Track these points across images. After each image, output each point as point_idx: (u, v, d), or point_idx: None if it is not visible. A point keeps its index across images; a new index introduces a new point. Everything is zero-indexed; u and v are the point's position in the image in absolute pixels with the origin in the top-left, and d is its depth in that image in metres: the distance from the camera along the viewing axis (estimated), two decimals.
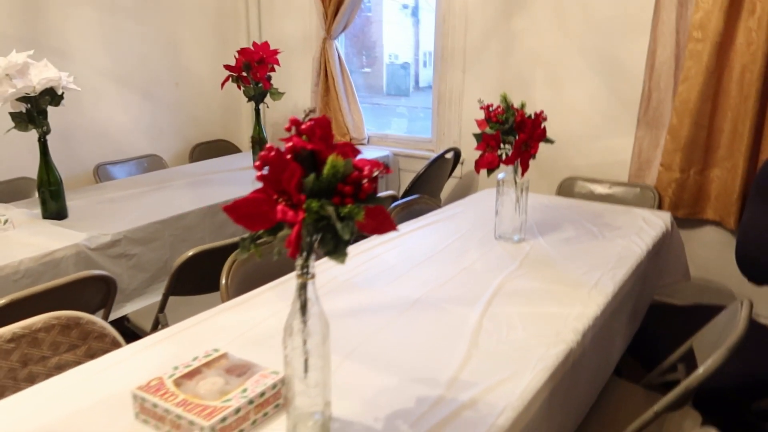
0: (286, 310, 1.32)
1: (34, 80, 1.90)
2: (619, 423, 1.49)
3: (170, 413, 0.89)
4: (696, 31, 2.31)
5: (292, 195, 0.77)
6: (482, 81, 2.96)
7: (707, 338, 1.46)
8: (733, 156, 2.35)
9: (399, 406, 0.99)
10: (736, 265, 2.11)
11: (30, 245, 1.78)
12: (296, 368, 0.87)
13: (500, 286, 1.48)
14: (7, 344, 1.24)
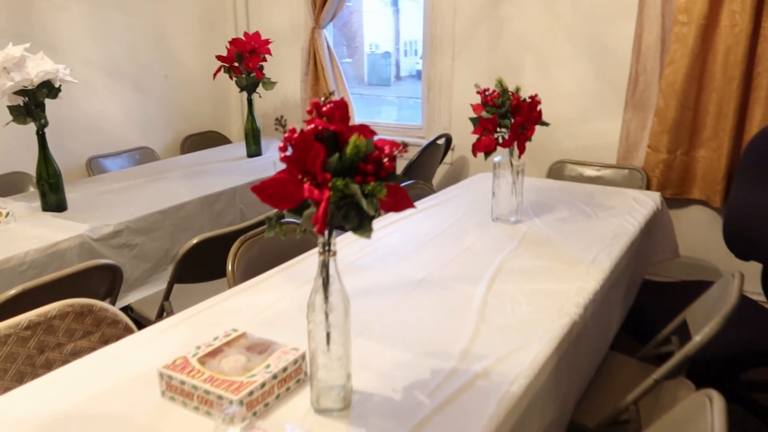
0: (295, 292, 1.37)
1: (31, 73, 1.90)
2: (617, 393, 1.55)
3: (198, 389, 0.93)
4: (681, 14, 2.37)
5: (317, 174, 0.80)
6: (471, 67, 3.00)
7: (700, 310, 1.53)
8: (718, 137, 2.41)
9: (415, 378, 1.03)
10: (722, 243, 2.18)
11: (34, 237, 1.79)
12: (319, 342, 0.91)
13: (501, 265, 1.52)
14: (24, 332, 1.26)
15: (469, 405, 0.95)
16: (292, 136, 0.82)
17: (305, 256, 1.61)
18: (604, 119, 2.69)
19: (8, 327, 1.24)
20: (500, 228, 1.82)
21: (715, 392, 0.97)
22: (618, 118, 2.66)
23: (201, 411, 0.93)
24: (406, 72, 4.31)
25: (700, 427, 0.93)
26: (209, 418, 0.92)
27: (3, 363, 1.22)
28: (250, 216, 2.43)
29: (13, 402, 0.98)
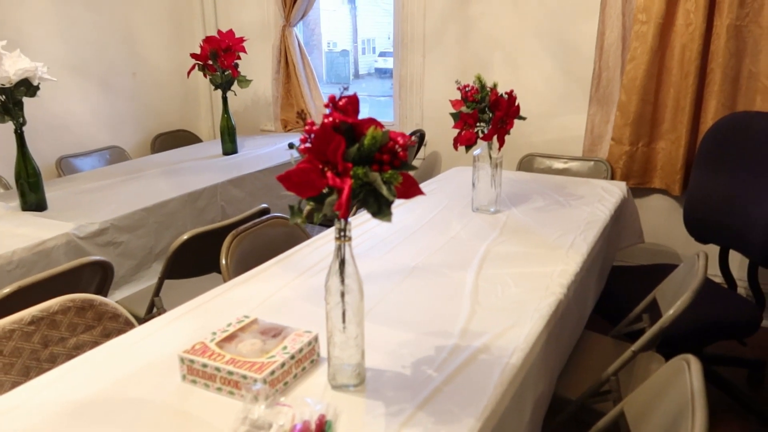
0: (295, 281, 1.42)
1: (9, 71, 1.88)
2: (594, 368, 1.66)
3: (221, 371, 0.97)
4: (640, 13, 2.51)
5: (338, 164, 0.86)
6: (443, 65, 3.09)
7: (669, 289, 1.65)
8: (676, 129, 2.57)
9: (421, 355, 1.10)
10: (682, 228, 2.33)
11: (19, 236, 1.78)
12: (336, 322, 0.97)
13: (487, 252, 1.61)
14: (27, 327, 1.27)
15: (474, 376, 1.02)
16: (312, 129, 0.88)
17: (299, 248, 1.66)
18: (570, 114, 2.82)
19: (12, 322, 1.25)
20: (481, 218, 1.90)
21: (692, 356, 1.07)
22: (583, 113, 2.79)
23: (224, 392, 0.98)
24: (364, 70, 4.40)
25: (680, 388, 1.03)
26: (231, 398, 0.97)
27: (9, 358, 1.23)
28: (231, 213, 2.45)
29: (36, 389, 1.01)
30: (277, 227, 1.88)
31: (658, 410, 1.08)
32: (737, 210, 2.07)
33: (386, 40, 3.93)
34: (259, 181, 2.64)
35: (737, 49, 2.40)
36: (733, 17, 2.36)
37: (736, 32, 2.38)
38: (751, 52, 2.40)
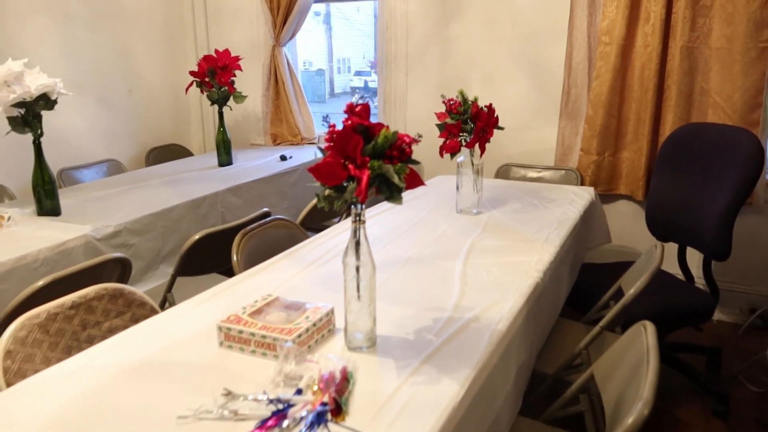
0: (303, 271, 1.60)
1: (31, 86, 2.04)
2: (567, 348, 1.86)
3: (255, 335, 1.15)
4: (604, 36, 2.77)
5: (357, 158, 1.06)
6: (424, 82, 3.31)
7: (632, 277, 1.86)
8: (638, 140, 2.82)
9: (421, 324, 1.29)
10: (645, 231, 2.57)
11: (41, 238, 1.93)
12: (352, 293, 1.15)
13: (472, 246, 1.81)
14: (68, 311, 1.43)
15: (468, 339, 1.22)
16: (335, 130, 1.07)
17: (302, 245, 1.84)
18: (543, 127, 3.06)
19: (56, 306, 1.40)
20: (465, 218, 2.11)
21: (648, 322, 1.28)
22: (554, 126, 3.03)
23: (257, 353, 1.15)
24: (340, 89, 4.60)
25: (638, 346, 1.23)
26: (264, 358, 1.15)
27: (54, 337, 1.38)
28: (230, 219, 2.62)
29: (95, 355, 1.17)
30: (280, 228, 2.06)
31: (621, 367, 1.28)
32: (691, 211, 2.32)
33: (361, 59, 4.14)
34: (255, 189, 2.81)
35: (690, 68, 2.67)
36: (685, 39, 2.63)
37: (688, 53, 2.65)
38: (702, 71, 2.67)
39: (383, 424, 0.94)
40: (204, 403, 0.99)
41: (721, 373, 2.44)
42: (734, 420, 2.16)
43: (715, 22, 2.61)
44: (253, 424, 0.94)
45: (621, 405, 1.18)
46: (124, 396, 1.03)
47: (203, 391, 1.04)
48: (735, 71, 2.59)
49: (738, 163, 2.11)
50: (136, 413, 0.98)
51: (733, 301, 2.85)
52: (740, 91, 2.59)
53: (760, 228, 2.75)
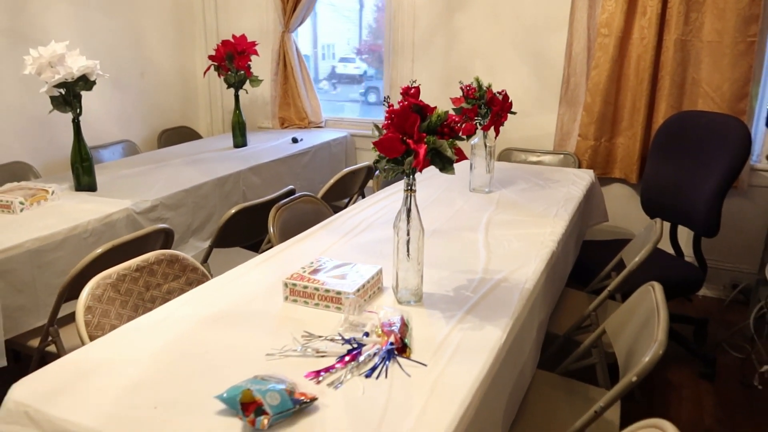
0: (341, 240, 1.76)
1: (73, 67, 2.15)
2: (574, 314, 2.05)
3: (319, 290, 1.31)
4: (603, 28, 2.95)
5: (414, 134, 1.22)
6: (430, 70, 3.47)
7: (633, 249, 2.05)
8: (633, 126, 3.01)
9: (458, 284, 1.46)
10: (639, 212, 2.77)
11: (86, 210, 2.06)
12: (403, 253, 1.32)
13: (489, 220, 1.99)
14: (134, 273, 1.57)
15: (500, 295, 1.39)
16: (394, 110, 1.23)
17: (336, 217, 2.00)
18: (543, 114, 3.24)
19: (124, 269, 1.55)
20: (479, 196, 2.28)
21: (655, 282, 1.46)
22: (554, 113, 3.21)
23: (320, 306, 1.32)
24: (324, 74, 4.68)
25: (648, 302, 1.42)
26: (327, 310, 1.31)
27: (124, 296, 1.53)
28: (250, 196, 2.76)
29: (175, 308, 1.32)
30: (307, 204, 2.21)
31: (631, 322, 1.46)
32: (683, 192, 2.51)
33: (346, 45, 4.24)
34: (273, 169, 2.95)
35: (683, 59, 2.86)
36: (679, 33, 2.82)
37: (681, 45, 2.84)
38: (693, 62, 2.87)
39: (442, 359, 1.11)
40: (286, 344, 1.15)
41: (707, 341, 2.66)
42: (720, 382, 2.37)
43: (707, 17, 2.80)
44: (332, 360, 1.10)
45: (633, 353, 1.36)
46: (212, 339, 1.18)
47: (280, 336, 1.20)
48: (724, 63, 2.79)
49: (728, 149, 2.31)
50: (228, 351, 1.13)
51: (718, 278, 3.08)
52: (729, 81, 2.79)
53: (744, 210, 2.97)
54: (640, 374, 1.17)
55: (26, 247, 1.79)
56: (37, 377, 1.05)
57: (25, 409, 0.97)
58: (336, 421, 0.92)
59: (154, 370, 1.07)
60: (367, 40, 4.18)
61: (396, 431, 0.90)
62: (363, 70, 4.27)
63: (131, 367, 1.08)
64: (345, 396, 0.99)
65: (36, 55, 2.13)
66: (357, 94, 4.30)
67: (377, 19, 4.03)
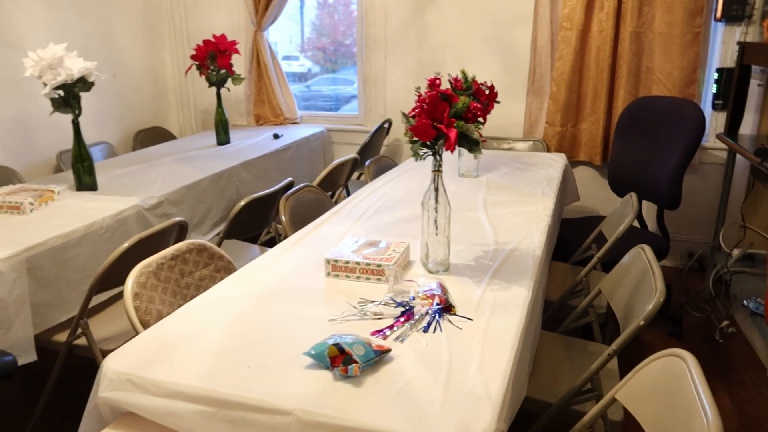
0: (356, 224, 1.90)
1: (73, 68, 2.19)
2: (561, 283, 2.25)
3: (360, 264, 1.45)
4: (565, 21, 3.18)
5: (444, 120, 1.37)
6: (403, 64, 3.62)
7: (612, 221, 2.27)
8: (595, 113, 3.26)
9: (474, 255, 1.62)
10: (604, 191, 3.01)
11: (95, 209, 2.11)
12: (431, 228, 1.47)
13: (485, 200, 2.16)
14: (170, 262, 1.66)
15: (517, 261, 1.56)
16: (424, 99, 1.38)
17: (343, 205, 2.13)
18: (512, 103, 3.45)
19: (160, 258, 1.63)
20: (468, 181, 2.46)
21: (645, 245, 1.67)
22: (522, 102, 3.43)
23: (361, 279, 1.45)
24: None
25: (641, 263, 1.62)
26: (368, 282, 1.44)
27: (164, 283, 1.62)
28: (243, 191, 2.85)
29: (229, 287, 1.43)
30: (310, 193, 2.33)
31: (626, 280, 1.67)
32: (646, 170, 2.77)
33: (288, 44, 4.34)
34: (261, 165, 3.04)
35: (638, 49, 3.12)
36: (634, 25, 3.08)
37: (636, 37, 3.10)
38: (647, 52, 3.13)
39: (484, 314, 1.27)
40: (344, 310, 1.29)
41: (671, 304, 2.93)
42: (686, 339, 2.64)
43: (658, 11, 3.07)
44: (390, 320, 1.24)
45: (632, 305, 1.56)
46: (273, 311, 1.30)
47: (333, 304, 1.33)
48: (674, 53, 3.07)
49: (686, 129, 2.57)
50: (292, 320, 1.26)
51: (676, 249, 3.37)
52: (678, 69, 3.07)
53: (696, 186, 3.27)
54: (646, 318, 1.36)
55: (49, 245, 1.84)
56: (126, 350, 1.15)
57: (127, 376, 1.07)
58: (412, 367, 1.07)
59: (233, 338, 1.18)
60: (311, 37, 4.29)
61: (465, 371, 1.06)
62: (307, 67, 4.37)
63: (211, 338, 1.19)
64: (412, 347, 1.14)
65: (36, 58, 2.16)
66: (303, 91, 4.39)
67: (320, 16, 4.15)
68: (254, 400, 0.98)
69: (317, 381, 1.03)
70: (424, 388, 1.01)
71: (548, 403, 1.51)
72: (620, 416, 1.47)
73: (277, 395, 0.99)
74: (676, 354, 1.12)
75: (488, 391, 0.99)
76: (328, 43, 4.20)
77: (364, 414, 0.94)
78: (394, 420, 0.92)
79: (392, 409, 0.95)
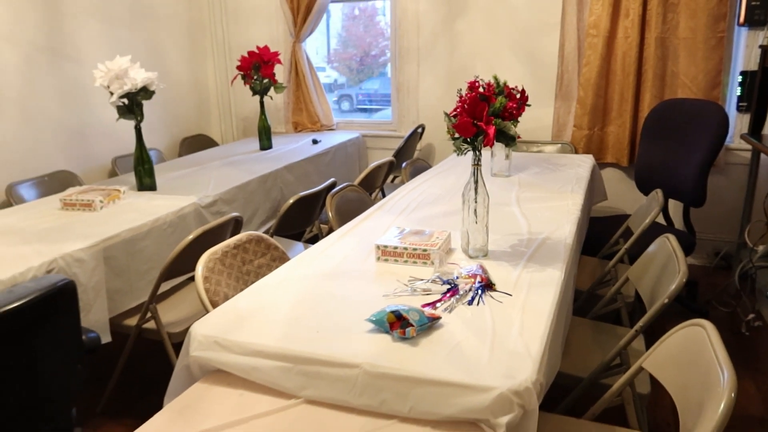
0: (399, 217, 2.05)
1: (137, 79, 2.40)
2: (590, 274, 2.38)
3: (407, 249, 1.60)
4: (592, 29, 3.31)
5: (484, 118, 1.52)
6: (434, 72, 3.79)
7: (638, 217, 2.39)
8: (622, 116, 3.38)
9: (511, 242, 1.77)
10: (630, 192, 3.13)
11: (159, 206, 2.31)
12: (471, 216, 1.62)
13: (518, 197, 2.30)
14: (233, 250, 1.84)
15: (550, 248, 1.70)
16: (466, 100, 1.54)
17: (385, 201, 2.29)
18: (540, 108, 3.59)
19: (225, 246, 1.81)
20: (501, 180, 2.60)
21: (670, 234, 1.79)
22: (550, 107, 3.56)
23: (409, 263, 1.61)
24: None
25: (666, 249, 1.74)
26: (414, 266, 1.60)
27: (228, 269, 1.80)
28: (287, 192, 3.03)
29: (292, 269, 1.60)
30: (352, 192, 2.50)
31: (653, 266, 1.79)
32: (672, 169, 2.88)
33: (315, 55, 4.52)
34: (302, 168, 3.23)
35: (663, 54, 3.24)
36: (659, 31, 3.20)
37: (661, 42, 3.22)
38: (672, 57, 3.25)
39: (522, 291, 1.42)
40: (396, 287, 1.45)
41: (698, 299, 3.02)
42: None
43: (682, 17, 3.18)
44: (437, 296, 1.39)
45: (658, 287, 1.69)
46: (333, 289, 1.47)
47: (385, 283, 1.48)
48: (699, 57, 3.17)
49: (709, 128, 2.68)
50: (350, 296, 1.42)
51: (702, 248, 3.46)
52: (703, 72, 3.18)
53: (721, 185, 3.36)
54: (670, 296, 1.49)
55: (122, 237, 2.04)
56: (209, 319, 1.32)
57: (214, 339, 1.24)
58: (461, 332, 1.22)
59: (300, 309, 1.35)
60: (337, 49, 4.48)
61: (508, 336, 1.20)
62: (333, 78, 4.55)
63: (281, 309, 1.35)
64: (459, 317, 1.29)
65: (105, 70, 2.37)
66: (331, 102, 4.57)
67: (346, 28, 4.34)
68: (326, 356, 1.14)
69: (379, 342, 1.19)
70: (472, 348, 1.16)
71: (580, 378, 1.65)
72: (647, 389, 1.59)
73: (345, 352, 1.15)
74: (697, 323, 1.25)
75: (529, 351, 1.14)
76: (354, 54, 4.39)
77: (423, 366, 1.09)
78: (449, 371, 1.07)
79: (446, 362, 1.10)
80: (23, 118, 3.02)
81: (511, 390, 1.01)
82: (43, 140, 3.12)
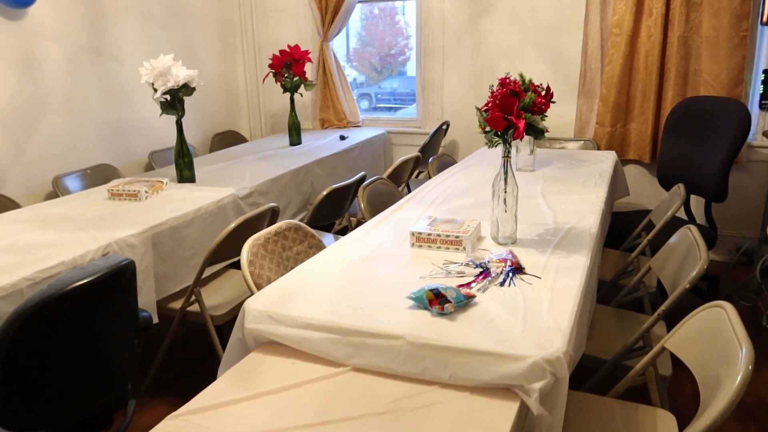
0: (429, 208, 2.15)
1: (180, 76, 2.53)
2: (611, 267, 2.45)
3: (441, 235, 1.70)
4: (615, 28, 3.38)
5: (514, 112, 1.62)
6: (459, 70, 3.88)
7: (661, 209, 2.46)
8: (644, 113, 3.44)
9: (538, 232, 1.86)
10: (652, 188, 3.19)
11: (200, 197, 2.43)
12: (501, 205, 1.71)
13: (542, 190, 2.39)
14: (274, 237, 1.95)
15: (575, 237, 1.79)
16: (497, 95, 1.63)
17: (415, 193, 2.39)
18: (564, 105, 3.66)
19: (266, 233, 1.93)
20: (525, 174, 2.69)
21: (692, 225, 1.87)
22: (573, 104, 3.63)
23: (441, 248, 1.71)
24: None
25: (687, 239, 1.82)
26: (447, 252, 1.70)
27: (270, 254, 1.91)
28: (317, 186, 3.15)
29: (330, 254, 1.71)
30: (382, 185, 2.61)
31: (675, 255, 1.87)
32: (694, 166, 2.94)
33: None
34: (331, 163, 3.34)
35: (685, 53, 3.29)
36: (681, 30, 3.25)
37: (684, 41, 3.28)
38: (694, 56, 3.30)
39: (551, 274, 1.51)
40: (432, 270, 1.55)
41: (719, 294, 3.08)
42: None
43: (705, 16, 3.23)
44: (471, 278, 1.49)
45: (680, 274, 1.76)
46: (372, 272, 1.57)
47: (421, 267, 1.58)
48: (721, 55, 3.22)
49: (731, 125, 2.74)
50: (389, 277, 1.52)
51: (723, 244, 3.51)
52: (726, 71, 3.23)
53: (743, 183, 3.40)
54: (691, 282, 1.58)
55: (168, 225, 2.17)
56: (261, 297, 1.43)
57: (267, 313, 1.35)
58: (494, 309, 1.32)
59: (343, 288, 1.46)
60: (357, 48, 4.58)
61: (538, 312, 1.30)
62: (353, 77, 4.65)
63: (325, 288, 1.46)
64: (492, 297, 1.39)
65: (150, 67, 2.50)
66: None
67: (366, 27, 4.44)
68: (371, 328, 1.24)
69: (419, 317, 1.29)
70: (506, 323, 1.26)
71: (604, 360, 1.73)
72: (669, 371, 1.67)
73: (389, 325, 1.25)
74: (718, 305, 1.33)
75: (558, 326, 1.23)
76: (374, 53, 4.49)
77: (461, 338, 1.19)
78: (486, 342, 1.17)
79: (483, 335, 1.20)
80: (67, 114, 3.17)
81: (543, 359, 1.11)
82: (85, 135, 3.27)
